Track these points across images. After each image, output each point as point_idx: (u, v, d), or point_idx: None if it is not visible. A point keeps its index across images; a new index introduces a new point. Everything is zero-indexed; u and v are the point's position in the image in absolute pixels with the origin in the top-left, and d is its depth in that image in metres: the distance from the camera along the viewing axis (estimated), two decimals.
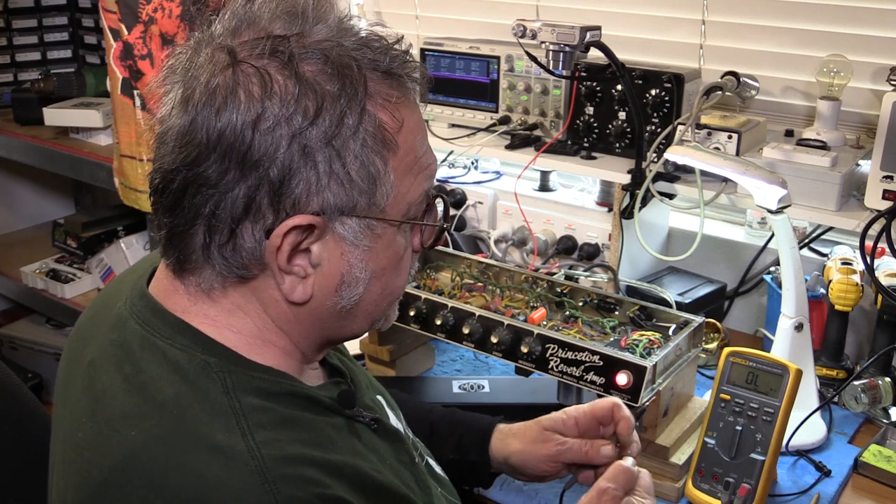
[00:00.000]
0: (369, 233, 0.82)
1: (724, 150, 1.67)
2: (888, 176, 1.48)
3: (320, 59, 0.78)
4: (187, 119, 0.78)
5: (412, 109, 0.84)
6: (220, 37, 0.81)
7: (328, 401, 0.86)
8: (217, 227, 0.79)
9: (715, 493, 1.23)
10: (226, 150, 0.76)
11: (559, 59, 1.66)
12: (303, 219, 0.78)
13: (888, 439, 1.42)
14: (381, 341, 1.57)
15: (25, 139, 2.59)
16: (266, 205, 0.77)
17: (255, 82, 0.77)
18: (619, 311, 1.46)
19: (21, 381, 1.23)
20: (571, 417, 1.13)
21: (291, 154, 0.76)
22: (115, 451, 0.76)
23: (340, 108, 0.77)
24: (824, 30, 1.75)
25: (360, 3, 2.44)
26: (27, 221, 3.23)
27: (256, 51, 0.78)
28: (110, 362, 0.83)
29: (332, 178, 0.78)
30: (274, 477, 0.73)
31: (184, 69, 0.80)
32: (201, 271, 0.82)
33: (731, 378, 1.26)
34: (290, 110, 0.76)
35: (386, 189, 0.81)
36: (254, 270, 0.81)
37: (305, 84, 0.77)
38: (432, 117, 2.10)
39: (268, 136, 0.76)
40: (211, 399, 0.78)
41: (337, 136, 0.77)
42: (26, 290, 2.79)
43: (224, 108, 0.76)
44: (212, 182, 0.77)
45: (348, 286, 0.83)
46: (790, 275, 1.38)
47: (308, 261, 0.81)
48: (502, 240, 2.04)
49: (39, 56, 2.90)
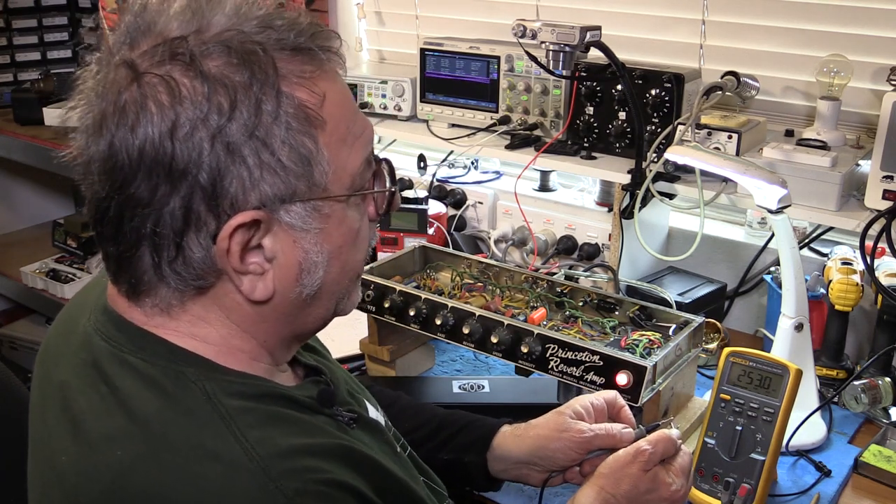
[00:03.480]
0: (317, 215, 0.80)
1: (724, 150, 1.67)
2: (888, 176, 1.48)
3: (223, 52, 0.75)
4: (105, 144, 0.76)
5: (332, 80, 0.81)
6: (118, 52, 0.78)
7: (307, 400, 0.85)
8: (162, 245, 0.77)
9: (715, 493, 1.23)
10: (150, 167, 0.74)
11: (559, 59, 1.66)
12: (245, 216, 0.76)
13: (888, 439, 1.42)
14: (381, 341, 1.57)
15: (25, 139, 2.59)
16: (205, 211, 0.75)
17: (161, 91, 0.74)
18: (619, 311, 1.46)
19: (21, 382, 1.23)
20: (588, 407, 1.12)
21: (217, 155, 0.74)
22: (104, 474, 0.74)
23: (255, 96, 0.75)
24: (824, 30, 1.75)
25: (359, 3, 2.44)
26: (27, 221, 3.23)
27: (156, 58, 0.75)
28: (84, 383, 0.81)
29: (264, 170, 0.76)
30: (277, 474, 0.73)
31: (89, 91, 0.78)
32: (157, 291, 0.80)
33: (731, 378, 1.26)
34: (205, 111, 0.74)
35: (322, 167, 0.79)
36: (210, 279, 0.79)
37: (213, 80, 0.74)
38: (432, 117, 2.10)
39: (188, 143, 0.74)
40: (194, 408, 0.77)
41: (259, 126, 0.75)
42: (26, 290, 2.79)
43: (138, 125, 0.74)
44: (145, 201, 0.75)
45: (308, 273, 0.82)
46: (790, 275, 1.38)
47: (262, 256, 0.79)
48: (502, 240, 2.04)
49: (39, 56, 2.90)
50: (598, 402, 1.13)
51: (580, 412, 1.12)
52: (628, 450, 1.02)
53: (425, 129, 2.09)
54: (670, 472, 1.02)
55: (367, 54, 2.52)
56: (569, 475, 1.12)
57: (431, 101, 2.09)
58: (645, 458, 1.00)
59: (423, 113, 2.11)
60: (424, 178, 2.20)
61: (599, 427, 1.10)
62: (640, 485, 1.01)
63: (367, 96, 2.18)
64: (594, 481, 1.02)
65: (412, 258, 1.64)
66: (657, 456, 1.01)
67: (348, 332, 1.66)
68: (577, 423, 1.11)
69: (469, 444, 1.17)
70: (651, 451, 1.01)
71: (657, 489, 1.01)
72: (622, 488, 1.00)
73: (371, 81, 2.17)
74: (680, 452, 1.04)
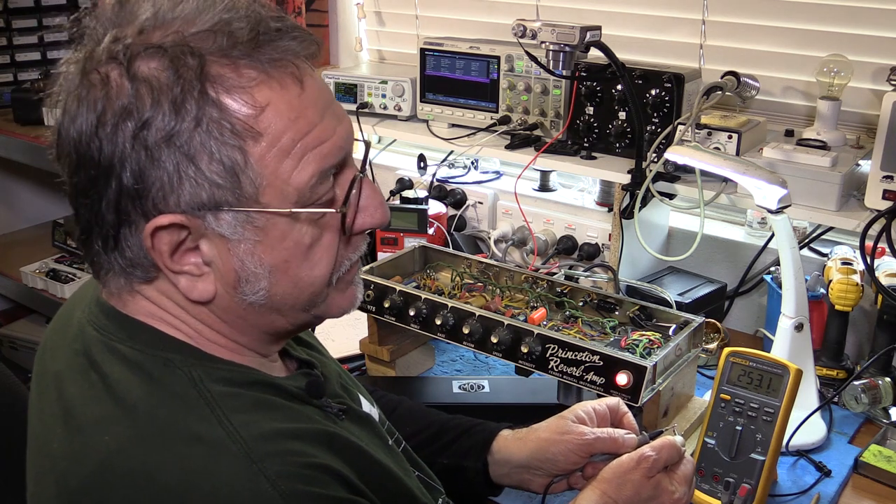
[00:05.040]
0: (249, 226, 0.78)
1: (724, 150, 1.67)
2: (888, 176, 1.48)
3: (157, 54, 0.75)
4: (55, 132, 0.79)
5: (280, 89, 0.77)
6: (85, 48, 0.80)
7: (296, 390, 0.85)
8: (103, 234, 0.79)
9: (715, 493, 1.23)
10: (84, 159, 0.77)
11: (559, 59, 1.66)
12: (165, 219, 0.76)
13: (888, 439, 1.42)
14: (381, 341, 1.57)
15: (25, 139, 2.59)
16: (132, 209, 0.77)
17: (98, 87, 0.76)
18: (619, 311, 1.46)
19: (21, 382, 1.23)
20: (591, 411, 1.12)
21: (138, 156, 0.75)
22: (91, 457, 0.76)
23: (175, 97, 0.74)
24: (824, 30, 1.75)
25: (359, 3, 2.44)
26: (27, 221, 3.22)
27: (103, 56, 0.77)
28: (76, 371, 0.83)
29: (183, 177, 0.75)
30: (260, 456, 0.73)
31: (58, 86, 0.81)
32: (109, 275, 0.83)
33: (731, 378, 1.26)
34: (127, 109, 0.74)
35: (252, 179, 0.77)
36: (150, 272, 0.81)
37: (140, 81, 0.74)
38: (432, 117, 2.10)
39: (112, 139, 0.75)
40: (180, 393, 0.78)
41: (178, 132, 0.74)
42: (26, 290, 2.79)
43: (76, 117, 0.77)
44: (86, 191, 0.78)
45: (247, 282, 0.80)
46: (790, 275, 1.38)
47: (200, 258, 0.80)
48: (502, 240, 2.04)
49: (39, 56, 2.90)
50: (600, 407, 1.13)
51: (582, 416, 1.12)
52: (632, 455, 1.02)
53: (425, 129, 2.09)
54: (673, 479, 1.02)
55: (367, 54, 2.52)
56: (572, 480, 1.11)
57: (431, 101, 2.09)
58: (649, 464, 1.00)
59: (423, 113, 2.11)
60: (424, 178, 2.20)
61: (602, 431, 1.09)
62: (642, 491, 1.00)
63: (367, 96, 2.18)
64: (596, 485, 1.02)
65: (412, 258, 1.64)
66: (661, 462, 1.01)
67: (348, 332, 1.66)
68: (578, 427, 1.10)
69: (468, 449, 1.17)
70: (655, 457, 1.00)
71: (659, 496, 1.01)
72: (624, 493, 1.00)
73: (371, 81, 2.17)
74: (683, 460, 1.04)
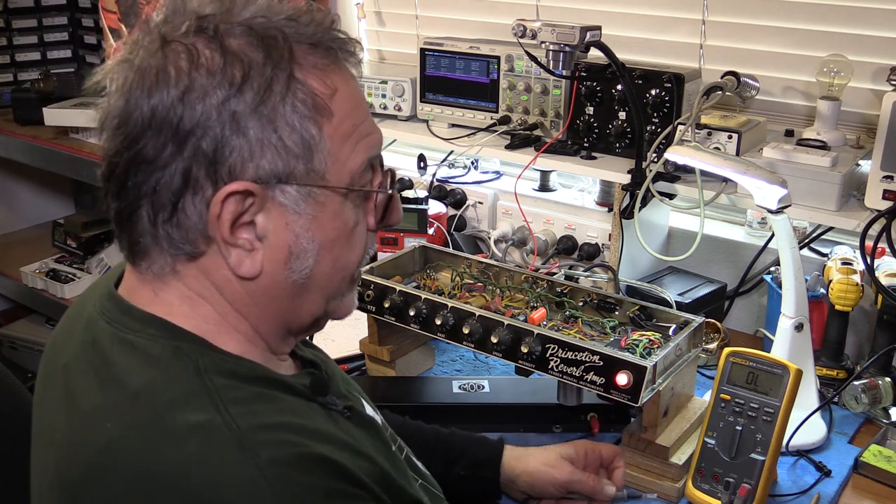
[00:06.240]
0: (311, 201, 0.82)
1: (724, 150, 1.67)
2: (888, 176, 1.48)
3: (245, 32, 0.80)
4: (122, 101, 0.80)
5: (345, 78, 0.85)
6: (154, 27, 0.83)
7: (300, 387, 0.86)
8: (160, 204, 0.80)
9: (715, 494, 1.23)
10: (160, 125, 0.78)
11: (559, 59, 1.66)
12: (239, 185, 0.79)
13: (888, 439, 1.42)
14: (381, 341, 1.57)
15: (25, 139, 2.59)
16: (203, 176, 0.79)
17: (183, 58, 0.79)
18: (619, 311, 1.46)
19: (21, 382, 1.23)
20: (583, 451, 1.23)
21: (222, 123, 0.78)
22: (93, 444, 0.77)
23: (266, 74, 0.79)
24: (824, 30, 1.75)
25: (359, 3, 2.44)
26: (27, 221, 3.22)
27: (184, 31, 0.80)
28: (83, 362, 0.84)
29: (264, 146, 0.79)
30: (252, 444, 0.74)
31: (122, 59, 0.83)
32: (150, 253, 0.83)
33: (731, 378, 1.26)
34: (217, 80, 0.78)
35: (323, 156, 0.82)
36: (200, 246, 0.82)
37: (231, 55, 0.79)
38: (432, 117, 2.10)
39: (197, 107, 0.78)
40: (183, 381, 0.78)
41: (265, 103, 0.79)
42: (26, 290, 2.79)
43: (155, 86, 0.78)
44: (150, 158, 0.79)
45: (297, 258, 0.84)
46: (790, 275, 1.38)
47: (254, 234, 0.82)
48: (502, 240, 2.04)
49: (39, 56, 2.90)
50: (594, 453, 1.24)
51: (573, 455, 1.23)
52: None
53: (425, 129, 2.09)
54: None
55: (367, 54, 2.52)
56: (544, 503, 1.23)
57: (431, 101, 2.09)
58: None
59: (423, 113, 2.11)
60: (424, 178, 2.20)
61: (583, 475, 1.21)
62: None
63: (368, 96, 2.18)
64: None
65: (412, 258, 1.64)
66: None
67: (348, 332, 1.66)
68: (564, 464, 1.21)
69: (482, 461, 1.24)
70: None
71: None
72: None
73: (371, 81, 2.17)
74: None
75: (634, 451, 1.32)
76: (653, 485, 1.30)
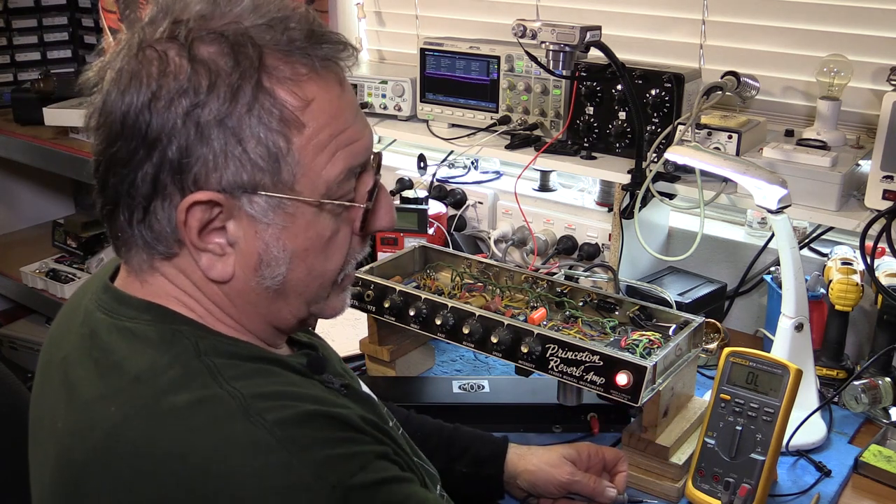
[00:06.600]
0: (280, 212, 0.82)
1: (724, 150, 1.67)
2: (888, 176, 1.48)
3: (216, 40, 0.79)
4: (101, 101, 0.82)
5: (325, 87, 0.83)
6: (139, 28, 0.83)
7: (298, 365, 0.87)
8: (133, 206, 0.81)
9: (715, 494, 1.23)
10: (130, 130, 0.79)
11: (559, 59, 1.66)
12: (203, 195, 0.79)
13: (888, 439, 1.42)
14: (381, 341, 1.57)
15: (25, 139, 2.59)
16: (170, 183, 0.79)
17: (154, 64, 0.79)
18: (619, 311, 1.46)
19: (21, 382, 1.23)
20: (585, 453, 1.23)
21: (187, 132, 0.78)
22: (97, 429, 0.77)
23: (233, 83, 0.78)
24: (824, 30, 1.75)
25: (359, 3, 2.44)
26: (27, 221, 3.23)
27: (157, 35, 0.81)
28: (82, 353, 0.85)
29: (228, 157, 0.79)
30: (257, 410, 0.75)
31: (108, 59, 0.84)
32: (130, 248, 0.85)
33: (731, 378, 1.26)
34: (183, 88, 0.78)
35: (291, 168, 0.81)
36: (173, 248, 0.83)
37: (199, 63, 0.78)
38: (432, 117, 2.10)
39: (164, 114, 0.78)
40: (183, 362, 0.79)
41: (231, 115, 0.78)
42: (26, 290, 2.79)
43: (128, 90, 0.79)
44: (124, 161, 0.80)
45: (268, 265, 0.83)
46: (790, 275, 1.38)
47: (225, 239, 0.82)
48: (502, 240, 2.04)
49: (39, 56, 2.90)
50: (597, 455, 1.23)
51: (575, 456, 1.22)
52: None
53: (425, 129, 2.09)
54: None
55: (367, 54, 2.52)
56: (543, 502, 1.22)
57: (431, 101, 2.09)
58: None
59: (423, 113, 2.11)
60: (424, 178, 2.20)
61: (584, 476, 1.20)
62: None
63: (367, 96, 2.18)
64: None
65: (412, 258, 1.64)
66: None
67: (348, 332, 1.66)
68: (566, 465, 1.21)
69: (486, 458, 1.24)
70: None
71: None
72: None
73: (371, 81, 2.17)
74: None
75: (634, 451, 1.32)
76: (653, 485, 1.30)
